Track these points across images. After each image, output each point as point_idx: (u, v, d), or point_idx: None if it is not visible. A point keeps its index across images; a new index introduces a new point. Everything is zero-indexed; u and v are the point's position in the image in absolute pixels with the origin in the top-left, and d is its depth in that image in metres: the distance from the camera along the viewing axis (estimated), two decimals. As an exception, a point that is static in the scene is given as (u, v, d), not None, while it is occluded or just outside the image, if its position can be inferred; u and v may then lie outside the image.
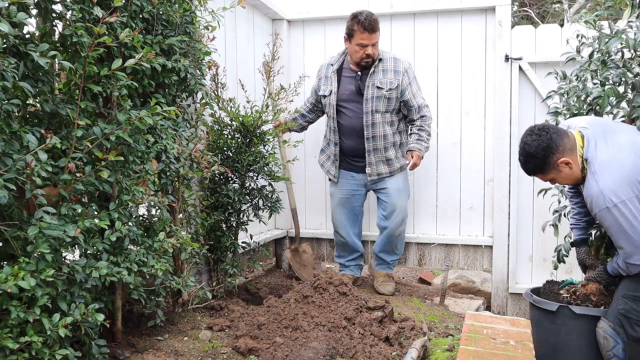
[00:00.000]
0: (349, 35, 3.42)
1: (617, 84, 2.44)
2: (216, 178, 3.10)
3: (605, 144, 2.20)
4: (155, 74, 2.27)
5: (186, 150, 2.50)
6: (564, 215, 2.85)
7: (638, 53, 2.43)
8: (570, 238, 2.72)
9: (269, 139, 3.26)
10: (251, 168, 3.17)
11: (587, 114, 2.56)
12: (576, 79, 2.65)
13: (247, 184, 3.23)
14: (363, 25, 3.32)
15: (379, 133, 3.44)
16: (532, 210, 3.67)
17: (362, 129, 3.46)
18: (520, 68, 3.69)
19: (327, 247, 4.47)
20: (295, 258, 4.05)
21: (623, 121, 2.51)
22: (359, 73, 3.48)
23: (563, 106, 2.71)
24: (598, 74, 2.49)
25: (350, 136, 3.53)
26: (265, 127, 3.24)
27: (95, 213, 2.01)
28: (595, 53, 2.52)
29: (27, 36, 1.80)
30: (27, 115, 1.87)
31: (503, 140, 3.74)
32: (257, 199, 3.24)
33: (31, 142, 1.63)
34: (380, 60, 3.46)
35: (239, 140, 3.16)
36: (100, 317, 1.85)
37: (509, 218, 3.70)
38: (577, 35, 2.63)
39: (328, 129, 3.66)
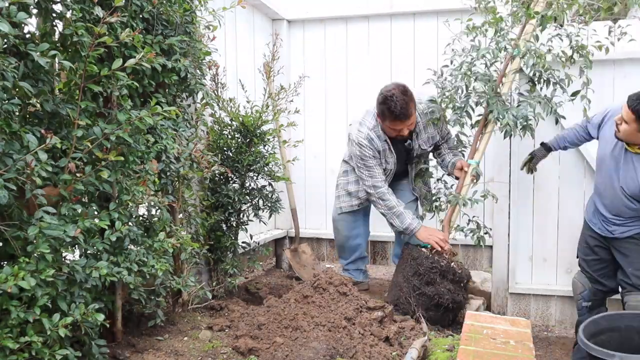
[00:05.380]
0: (381, 116, 3.11)
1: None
2: (216, 178, 3.10)
3: None
4: (156, 74, 2.27)
5: (186, 150, 2.50)
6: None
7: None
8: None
9: (269, 139, 3.26)
10: (251, 168, 3.17)
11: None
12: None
13: (247, 184, 3.23)
14: (394, 114, 3.00)
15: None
16: (532, 210, 3.66)
17: (405, 172, 3.46)
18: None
19: (327, 247, 4.47)
20: (295, 258, 4.05)
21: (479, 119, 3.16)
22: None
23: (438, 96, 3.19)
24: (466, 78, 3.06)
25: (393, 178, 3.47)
26: (265, 127, 3.24)
27: (95, 213, 2.01)
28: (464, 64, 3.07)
29: (28, 36, 1.80)
30: (27, 115, 1.86)
31: (503, 140, 3.73)
32: (257, 199, 3.24)
33: (31, 142, 1.63)
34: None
35: (239, 140, 3.16)
36: (100, 317, 1.85)
37: (509, 218, 3.69)
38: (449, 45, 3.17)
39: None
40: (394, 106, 2.98)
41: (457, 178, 3.26)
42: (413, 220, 3.16)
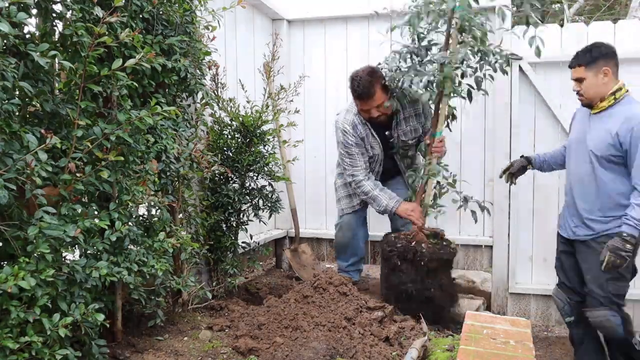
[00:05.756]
0: (353, 97, 3.29)
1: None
2: (216, 178, 3.10)
3: None
4: (155, 74, 2.27)
5: (186, 150, 2.50)
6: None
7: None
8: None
9: (269, 139, 3.26)
10: (251, 168, 3.17)
11: None
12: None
13: (247, 184, 3.23)
14: (356, 92, 3.19)
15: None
16: (532, 210, 3.67)
17: (395, 165, 3.54)
18: (520, 68, 3.68)
19: (327, 247, 4.47)
20: (294, 258, 4.05)
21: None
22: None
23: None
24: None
25: (383, 170, 3.54)
26: (265, 127, 3.24)
27: (95, 213, 2.01)
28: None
29: (28, 36, 1.80)
30: (27, 115, 1.87)
31: (503, 140, 3.73)
32: (257, 199, 3.24)
33: (31, 142, 1.63)
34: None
35: (239, 140, 3.16)
36: (100, 317, 1.85)
37: (509, 218, 3.70)
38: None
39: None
40: (357, 85, 3.18)
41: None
42: (390, 201, 3.25)
